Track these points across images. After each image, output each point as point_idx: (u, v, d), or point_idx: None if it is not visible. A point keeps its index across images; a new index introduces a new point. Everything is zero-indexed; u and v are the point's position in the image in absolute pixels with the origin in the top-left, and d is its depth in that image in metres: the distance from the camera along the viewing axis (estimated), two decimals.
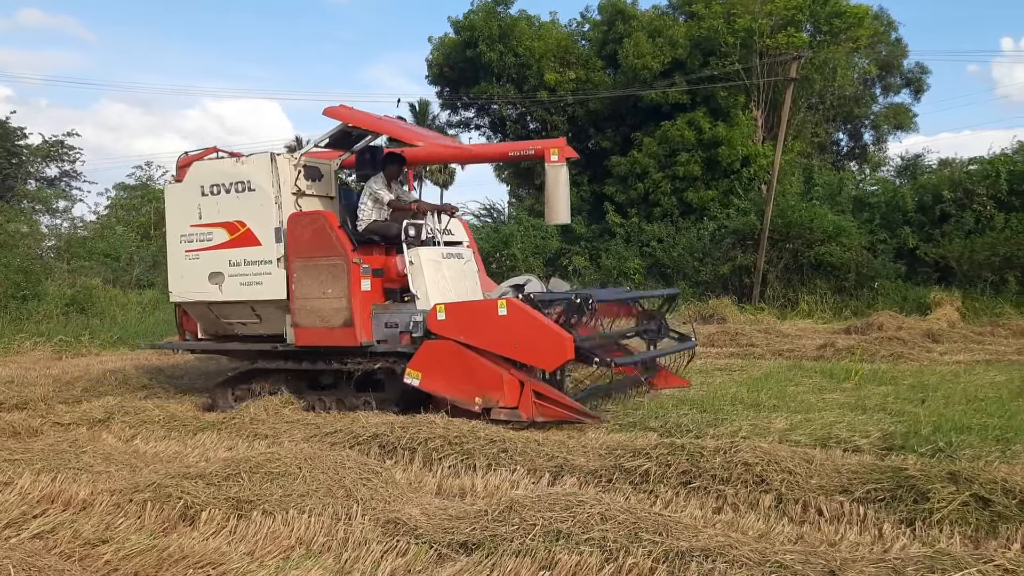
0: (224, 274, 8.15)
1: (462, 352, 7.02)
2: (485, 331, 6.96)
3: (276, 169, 7.98)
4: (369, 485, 4.89)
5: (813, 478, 4.85)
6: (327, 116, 8.25)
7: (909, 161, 25.46)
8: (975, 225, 17.44)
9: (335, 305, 7.58)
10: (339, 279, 7.56)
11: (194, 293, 8.39)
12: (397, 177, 8.61)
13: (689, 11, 26.52)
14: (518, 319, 6.86)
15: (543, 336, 6.78)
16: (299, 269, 7.73)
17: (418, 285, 7.64)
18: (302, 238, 7.73)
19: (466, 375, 6.99)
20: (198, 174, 8.35)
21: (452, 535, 4.05)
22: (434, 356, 7.14)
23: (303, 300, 7.72)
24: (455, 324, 7.09)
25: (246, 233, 8.03)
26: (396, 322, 7.59)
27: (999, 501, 4.20)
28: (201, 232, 8.28)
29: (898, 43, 30.40)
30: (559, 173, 8.89)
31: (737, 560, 3.56)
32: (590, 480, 5.33)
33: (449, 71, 28.94)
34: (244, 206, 8.04)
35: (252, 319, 8.31)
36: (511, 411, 6.80)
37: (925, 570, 3.25)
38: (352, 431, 6.42)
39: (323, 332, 7.65)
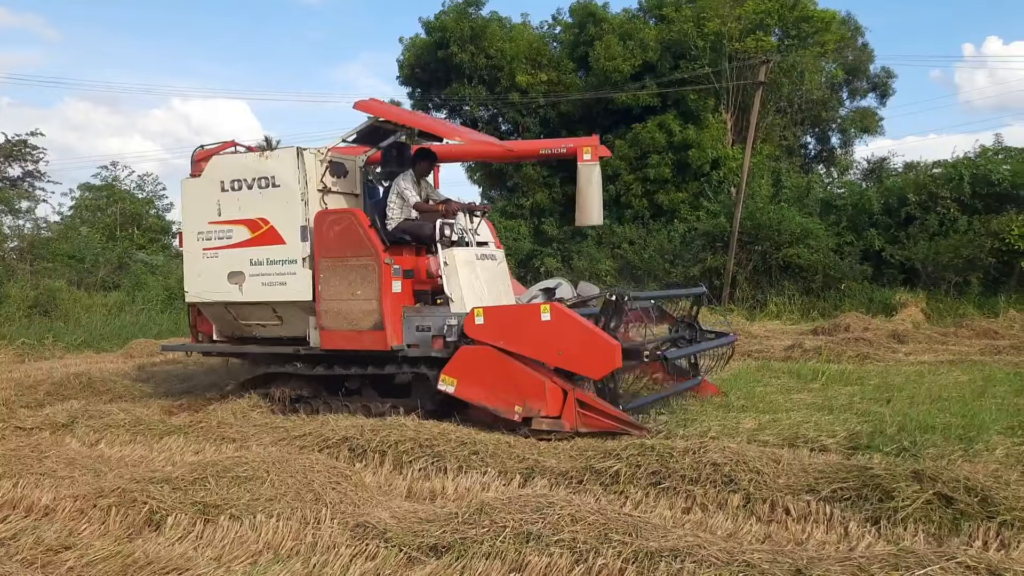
0: (245, 274, 7.84)
1: (502, 359, 6.68)
2: (527, 337, 6.60)
3: (303, 164, 7.64)
4: (338, 489, 4.86)
5: (781, 478, 4.90)
6: (357, 110, 7.92)
7: (875, 164, 25.88)
8: (939, 227, 17.73)
9: (365, 307, 7.27)
10: (369, 280, 7.25)
11: (212, 293, 8.07)
12: (427, 174, 8.29)
13: (659, 14, 26.70)
14: (563, 325, 6.49)
15: (590, 343, 6.39)
16: (326, 269, 7.41)
17: (453, 287, 7.34)
18: (330, 237, 7.41)
19: (505, 383, 6.63)
20: (217, 169, 8.00)
21: (422, 538, 4.04)
22: (471, 362, 6.82)
23: (330, 302, 7.40)
24: (494, 329, 6.75)
25: (269, 231, 7.71)
26: (428, 326, 7.26)
27: (961, 499, 4.27)
28: (220, 229, 7.96)
29: (864, 48, 30.82)
30: (592, 172, 8.59)
31: (705, 560, 3.59)
32: (561, 481, 5.34)
33: (420, 72, 28.86)
34: (267, 203, 7.71)
35: (273, 321, 8.01)
36: (553, 421, 6.46)
37: (889, 568, 3.30)
38: (321, 434, 6.37)
39: (351, 335, 7.34)
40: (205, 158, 8.28)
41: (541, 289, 8.19)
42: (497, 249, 8.41)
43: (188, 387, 9.85)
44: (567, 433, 6.37)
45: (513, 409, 6.57)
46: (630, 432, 6.26)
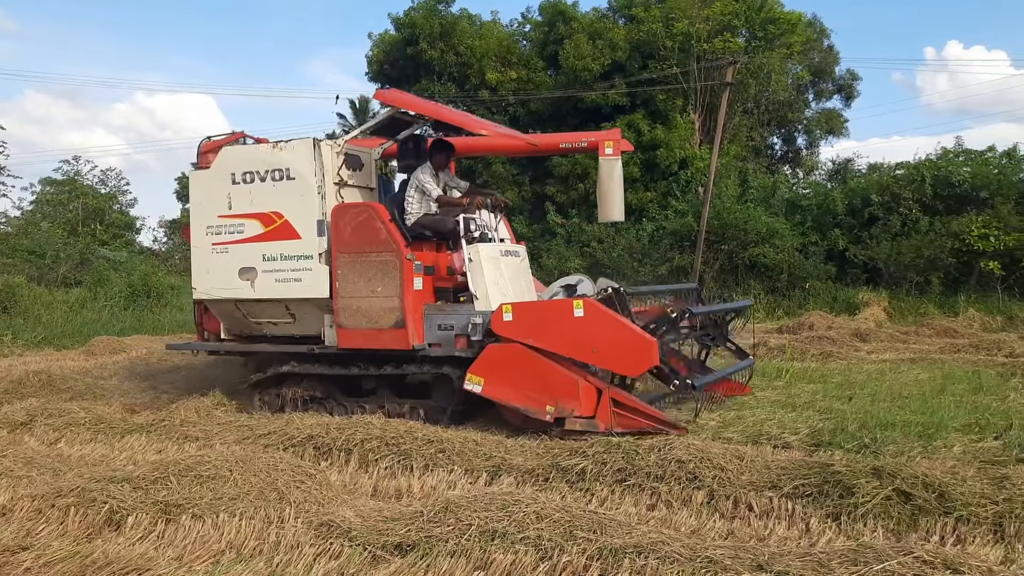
0: (257, 269, 7.56)
1: (532, 356, 6.44)
2: (559, 334, 6.36)
3: (319, 156, 7.37)
4: (303, 487, 4.82)
5: (744, 474, 4.95)
6: (378, 100, 7.71)
7: (840, 165, 26.20)
8: (901, 228, 18.01)
9: (385, 305, 7.01)
10: (391, 277, 7.00)
11: (221, 289, 7.78)
12: (444, 167, 8.01)
13: (629, 14, 26.84)
14: (597, 321, 6.26)
15: (625, 340, 6.18)
16: (344, 265, 7.15)
17: (478, 284, 7.08)
18: (348, 232, 7.15)
19: (536, 381, 6.39)
20: (228, 160, 7.72)
21: (387, 537, 4.02)
22: (499, 360, 6.56)
23: (348, 299, 7.14)
24: (524, 326, 6.51)
25: (283, 225, 7.43)
26: (451, 324, 7.01)
27: (920, 495, 4.35)
28: (231, 223, 7.67)
29: (830, 50, 31.22)
30: (613, 168, 8.41)
31: (669, 556, 3.61)
32: (527, 479, 5.35)
33: (389, 68, 28.73)
34: (282, 196, 7.43)
35: (285, 319, 7.75)
36: (587, 421, 6.22)
37: (848, 563, 3.34)
38: (286, 432, 6.32)
39: (370, 334, 7.09)
40: (212, 149, 8.02)
41: (562, 286, 7.96)
42: (519, 245, 8.19)
43: (151, 385, 9.70)
44: (602, 434, 6.06)
45: (544, 409, 6.34)
46: (668, 432, 6.02)
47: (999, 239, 16.37)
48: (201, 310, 8.34)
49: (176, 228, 33.73)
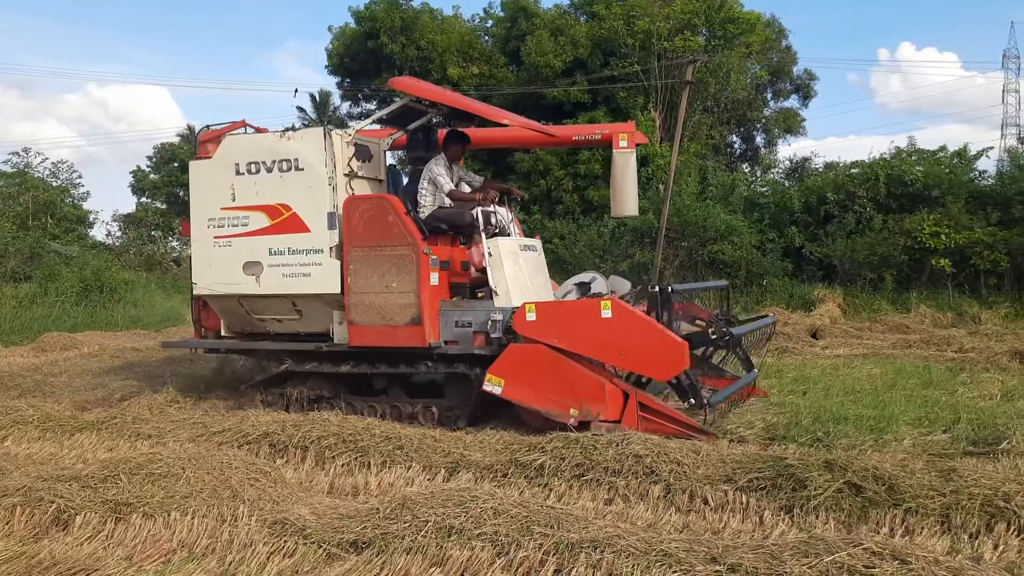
0: (263, 264, 7.26)
1: (556, 358, 6.25)
2: (585, 335, 6.20)
3: (330, 146, 7.09)
4: (257, 485, 4.76)
5: (700, 468, 5.00)
6: (393, 87, 7.47)
7: (797, 164, 26.58)
8: (856, 226, 18.32)
9: (401, 301, 6.76)
10: (406, 271, 6.73)
11: (224, 285, 7.47)
12: (458, 159, 7.78)
13: (590, 11, 26.93)
14: (626, 322, 6.09)
15: (656, 342, 6.01)
16: (357, 260, 6.88)
17: (497, 280, 6.85)
18: (361, 225, 6.89)
19: (560, 384, 6.22)
20: (232, 150, 7.42)
21: (342, 534, 3.98)
22: (521, 361, 6.36)
23: (361, 295, 6.87)
24: (548, 326, 6.30)
25: (291, 218, 7.14)
26: (469, 321, 6.79)
27: (870, 487, 4.43)
28: (234, 216, 7.37)
29: (788, 50, 31.66)
30: (628, 161, 8.17)
31: (624, 550, 3.63)
32: (486, 475, 5.35)
33: (350, 62, 28.52)
34: (290, 187, 7.14)
35: (291, 315, 7.46)
36: (613, 425, 6.05)
37: (800, 555, 3.39)
38: (241, 430, 6.23)
39: (384, 331, 6.82)
40: (213, 139, 7.73)
41: (576, 284, 7.78)
42: (535, 240, 7.99)
43: (103, 382, 9.50)
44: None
45: (568, 412, 6.17)
46: (696, 437, 5.85)
47: (950, 237, 16.73)
48: (199, 306, 8.02)
49: (131, 222, 33.12)
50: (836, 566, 3.27)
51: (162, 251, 25.83)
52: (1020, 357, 9.70)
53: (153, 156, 44.41)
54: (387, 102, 29.73)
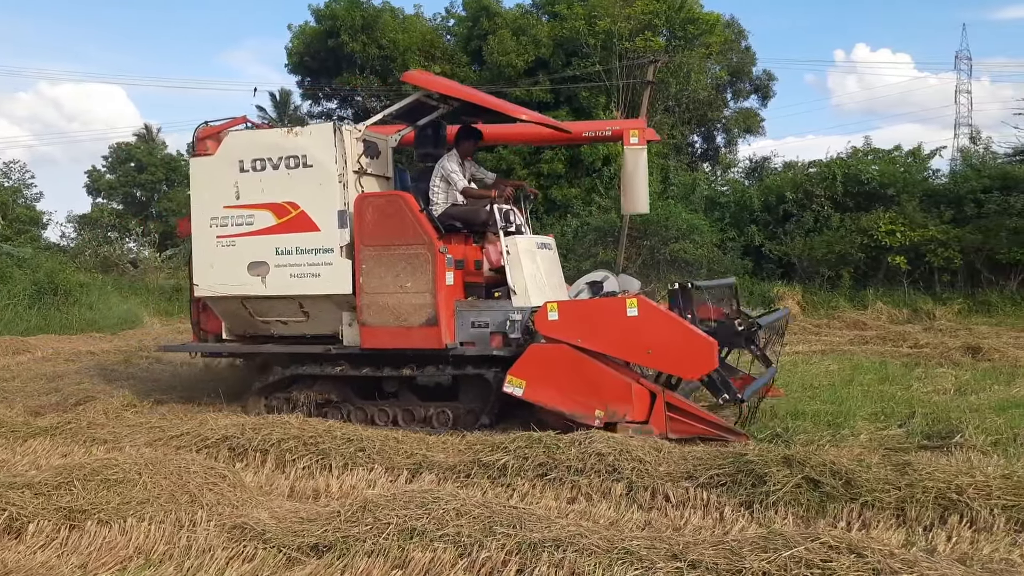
0: (269, 264, 7.02)
1: (580, 358, 6.09)
2: (610, 334, 6.04)
3: (340, 142, 6.88)
4: (216, 489, 4.69)
5: (662, 465, 5.04)
6: (406, 82, 7.28)
7: (757, 163, 26.91)
8: (814, 224, 18.62)
9: (416, 301, 6.58)
10: (422, 271, 6.55)
11: (228, 286, 7.21)
12: (471, 154, 7.57)
13: (552, 11, 26.97)
14: (652, 321, 5.94)
15: (684, 341, 5.87)
16: (369, 259, 6.69)
17: (516, 279, 6.69)
18: (374, 223, 6.69)
19: (584, 384, 6.06)
20: (235, 146, 7.18)
21: (302, 538, 3.95)
22: (543, 362, 6.19)
23: (374, 295, 6.67)
24: (571, 325, 6.12)
25: (299, 216, 6.91)
26: (486, 321, 6.62)
27: (828, 482, 4.49)
28: (238, 214, 7.13)
29: (747, 51, 32.02)
30: (639, 157, 8.05)
31: (587, 548, 3.64)
32: (449, 476, 5.33)
33: (310, 61, 28.23)
34: (297, 185, 6.91)
35: (297, 317, 7.22)
36: (640, 426, 5.91)
37: (759, 550, 3.43)
38: (200, 434, 6.13)
39: (398, 332, 6.63)
40: (211, 135, 7.51)
41: (587, 283, 7.67)
42: (549, 238, 7.82)
43: (57, 387, 9.30)
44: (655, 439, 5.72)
45: (593, 414, 6.02)
46: (726, 438, 5.77)
47: (905, 235, 17.08)
48: (198, 308, 7.76)
49: (86, 223, 32.45)
50: (794, 560, 3.32)
51: (118, 253, 25.32)
52: (973, 352, 9.94)
53: (109, 156, 43.59)
54: (348, 101, 29.40)
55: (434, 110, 7.62)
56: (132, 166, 42.80)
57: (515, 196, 7.56)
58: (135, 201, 42.47)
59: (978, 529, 4.09)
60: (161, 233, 29.92)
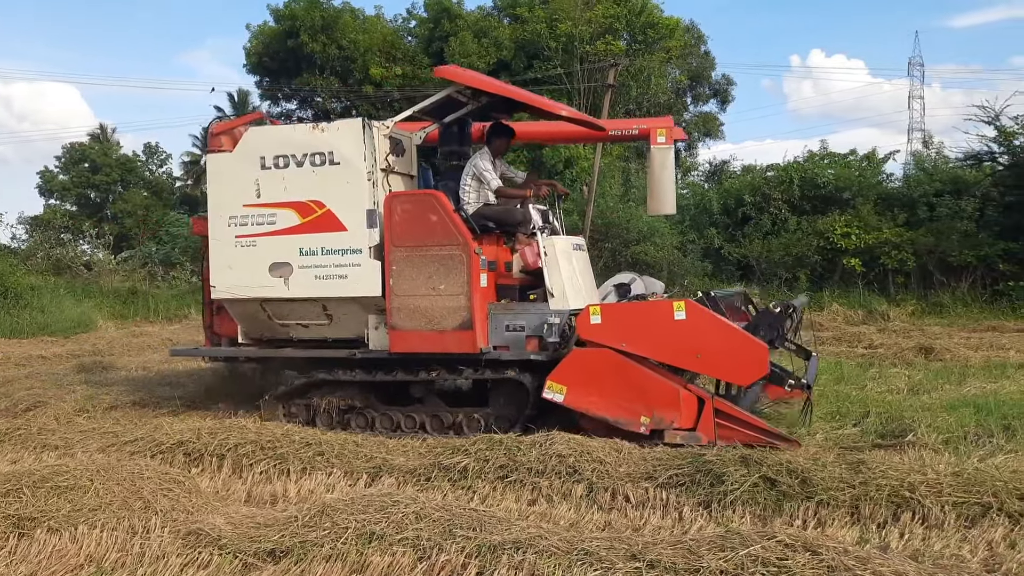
0: (292, 265, 6.74)
1: (624, 363, 5.86)
2: (656, 338, 5.82)
3: (370, 138, 6.62)
4: (170, 495, 4.60)
5: (622, 466, 5.07)
6: (439, 76, 7.06)
7: (716, 167, 27.31)
8: (772, 227, 18.89)
9: (450, 304, 6.33)
10: (456, 272, 6.32)
11: (248, 288, 6.91)
12: (503, 153, 7.32)
13: (513, 14, 27.07)
14: (701, 324, 5.76)
15: (735, 345, 5.67)
16: (400, 260, 6.43)
17: (554, 281, 6.48)
18: (405, 223, 6.44)
19: (629, 390, 5.83)
20: (256, 143, 6.90)
21: (259, 543, 3.89)
22: (586, 367, 5.95)
23: (405, 297, 6.42)
24: (615, 329, 5.90)
25: (325, 215, 6.64)
26: (521, 324, 6.41)
27: (784, 481, 4.56)
28: (260, 213, 6.84)
29: (707, 55, 32.44)
30: (666, 157, 7.87)
31: (546, 550, 3.64)
32: (409, 479, 5.31)
33: (269, 61, 27.99)
34: (323, 183, 6.64)
35: (319, 320, 6.94)
36: (688, 434, 5.70)
37: (716, 549, 3.46)
38: (154, 439, 6.02)
39: (431, 336, 6.39)
40: (226, 131, 7.23)
41: (614, 285, 7.48)
42: (581, 239, 7.58)
43: (6, 392, 9.06)
44: (704, 447, 5.53)
45: (638, 420, 5.80)
46: (777, 445, 5.51)
47: (860, 237, 17.39)
48: (211, 310, 7.48)
49: (38, 225, 31.69)
50: (751, 559, 3.35)
51: (72, 255, 24.78)
52: (925, 352, 10.15)
53: (62, 156, 42.69)
54: (308, 102, 29.16)
55: (462, 106, 7.36)
56: (86, 167, 41.99)
57: (558, 196, 7.42)
58: (89, 202, 41.67)
59: (929, 526, 4.17)
60: (116, 235, 29.38)
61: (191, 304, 18.04)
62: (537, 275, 6.69)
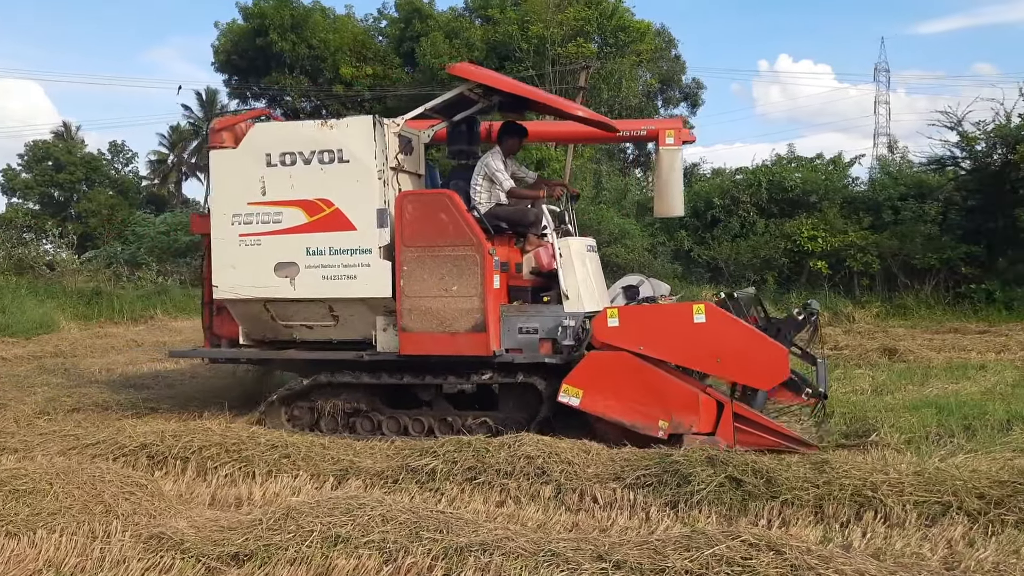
0: (298, 265, 6.57)
1: (642, 367, 5.80)
2: (676, 342, 5.79)
3: (381, 136, 6.49)
4: (132, 499, 4.53)
5: (590, 467, 5.08)
6: (452, 73, 6.93)
7: (687, 170, 27.43)
8: (740, 230, 19.07)
9: (463, 305, 6.22)
10: (469, 273, 6.20)
11: (251, 288, 6.71)
12: (515, 152, 7.20)
13: (485, 15, 27.07)
14: (722, 328, 5.73)
15: (756, 349, 5.68)
16: (411, 261, 6.31)
17: (569, 283, 6.38)
18: (417, 222, 6.32)
19: (648, 394, 5.76)
20: (261, 139, 6.72)
21: (222, 547, 3.84)
22: (603, 371, 5.88)
23: (416, 299, 6.30)
24: (633, 332, 5.84)
25: (334, 214, 6.49)
26: (534, 327, 6.31)
27: (750, 481, 4.60)
28: (265, 212, 6.65)
29: (677, 59, 32.70)
30: (675, 159, 7.75)
31: (513, 552, 3.64)
32: (376, 482, 5.27)
33: (238, 59, 27.73)
34: (332, 181, 6.48)
35: (325, 321, 6.76)
36: (707, 438, 5.63)
37: (682, 549, 3.48)
38: (117, 441, 5.90)
39: (443, 338, 6.27)
40: (228, 127, 7.04)
41: (622, 287, 7.39)
42: (592, 240, 7.50)
43: None
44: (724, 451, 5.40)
45: (656, 424, 5.73)
46: (797, 450, 5.51)
47: (826, 240, 17.62)
48: (210, 311, 7.27)
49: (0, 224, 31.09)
50: (716, 558, 3.37)
51: (34, 254, 24.32)
52: (889, 354, 10.30)
53: (25, 154, 41.92)
54: (277, 101, 28.86)
55: (472, 105, 7.25)
56: (50, 165, 41.28)
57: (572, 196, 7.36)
58: (53, 201, 40.99)
59: (891, 524, 4.23)
60: (80, 235, 28.92)
61: (156, 305, 17.80)
62: (549, 277, 6.61)
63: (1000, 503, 4.24)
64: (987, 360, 9.58)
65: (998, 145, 15.80)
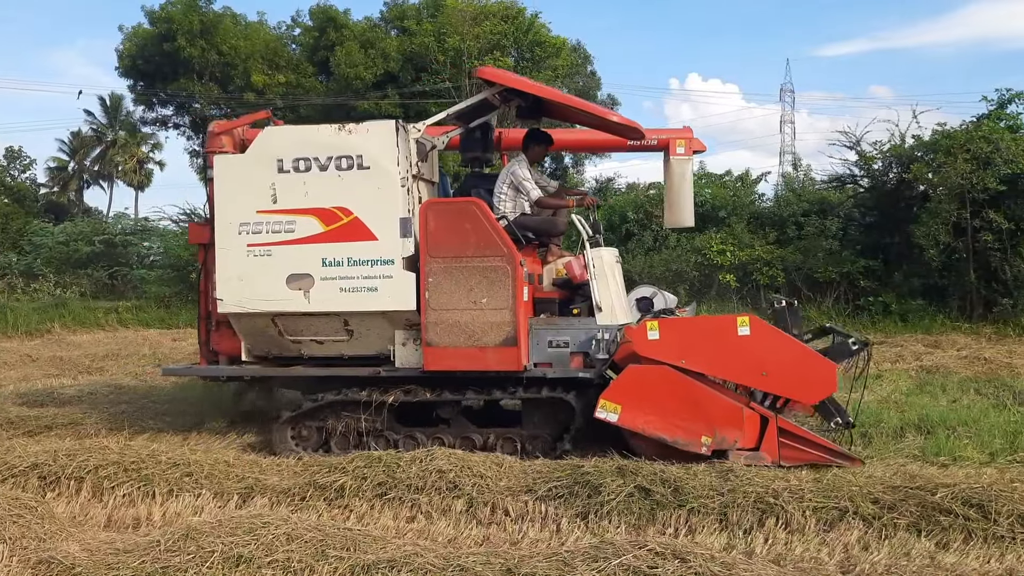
0: (313, 277, 6.21)
1: (684, 380, 5.64)
2: (720, 355, 5.66)
3: (404, 142, 6.21)
4: (21, 522, 4.30)
5: (502, 480, 5.09)
6: (480, 77, 6.66)
7: (602, 184, 27.87)
8: (653, 243, 19.45)
9: (493, 319, 5.96)
10: (500, 285, 5.95)
11: (261, 301, 6.31)
12: (540, 160, 6.94)
13: (401, 26, 26.95)
14: (768, 341, 5.61)
15: (803, 363, 5.58)
16: (437, 272, 6.03)
17: (602, 294, 6.17)
18: (443, 232, 6.06)
19: (690, 409, 5.60)
20: (272, 144, 6.37)
21: (117, 571, 3.69)
22: (643, 385, 5.68)
23: (443, 312, 6.01)
24: (675, 346, 5.68)
25: (353, 223, 6.15)
26: (565, 340, 6.10)
27: (658, 490, 4.69)
28: (276, 220, 6.26)
29: (593, 75, 33.21)
30: (685, 168, 7.61)
31: (422, 568, 3.60)
32: (283, 500, 5.15)
33: (144, 64, 26.83)
34: (350, 188, 6.15)
35: (338, 336, 6.41)
36: (752, 453, 5.55)
37: (590, 560, 3.51)
38: (6, 462, 5.57)
39: (471, 353, 6.00)
40: (227, 131, 6.70)
41: (637, 299, 7.22)
42: (616, 250, 7.32)
43: None
44: (769, 467, 5.44)
45: (699, 440, 5.56)
46: (842, 464, 5.41)
47: (734, 254, 18.14)
48: (207, 326, 6.88)
49: None
50: (623, 568, 3.41)
51: None
52: None
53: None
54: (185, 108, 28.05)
55: (492, 110, 7.05)
56: None
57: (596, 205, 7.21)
58: None
59: (792, 530, 4.37)
60: None
61: (54, 318, 16.99)
62: (573, 288, 6.46)
63: (893, 507, 4.43)
64: (883, 370, 10.01)
65: (894, 164, 16.61)
